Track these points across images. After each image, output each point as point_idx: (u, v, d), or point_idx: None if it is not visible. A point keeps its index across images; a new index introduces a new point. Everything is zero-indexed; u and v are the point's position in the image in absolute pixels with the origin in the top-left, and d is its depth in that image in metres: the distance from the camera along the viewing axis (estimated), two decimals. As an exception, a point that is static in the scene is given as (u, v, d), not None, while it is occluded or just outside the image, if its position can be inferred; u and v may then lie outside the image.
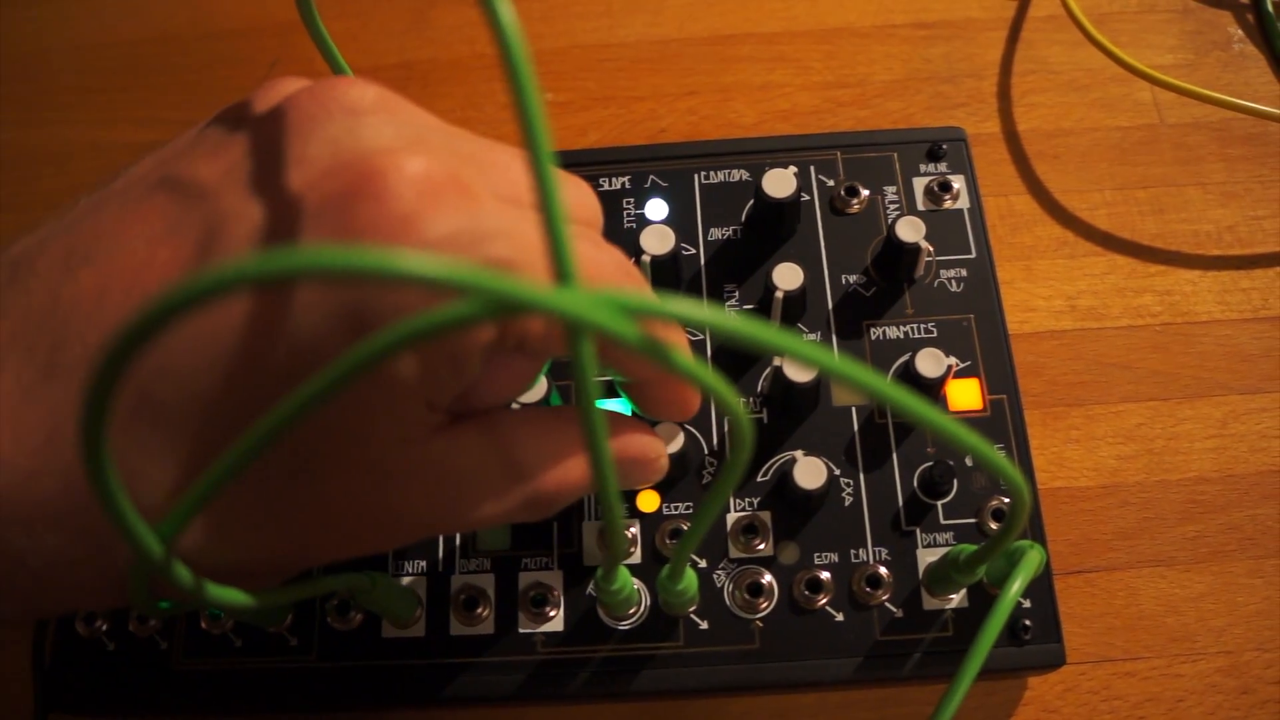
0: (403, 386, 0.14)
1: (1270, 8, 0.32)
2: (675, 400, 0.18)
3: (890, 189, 0.27)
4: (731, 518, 0.23)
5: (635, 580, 0.22)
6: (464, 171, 0.14)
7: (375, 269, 0.10)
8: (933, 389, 0.24)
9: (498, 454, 0.16)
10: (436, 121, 0.16)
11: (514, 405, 0.24)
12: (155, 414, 0.13)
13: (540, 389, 0.23)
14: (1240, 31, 0.33)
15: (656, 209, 0.27)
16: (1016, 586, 0.19)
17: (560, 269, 0.12)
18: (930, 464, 0.24)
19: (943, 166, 0.27)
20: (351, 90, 0.15)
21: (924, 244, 0.25)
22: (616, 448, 0.18)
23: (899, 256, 0.25)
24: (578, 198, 0.17)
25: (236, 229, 0.14)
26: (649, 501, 0.24)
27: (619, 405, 0.25)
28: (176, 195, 0.14)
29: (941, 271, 0.26)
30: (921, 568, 0.23)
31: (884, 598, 0.23)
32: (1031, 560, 0.20)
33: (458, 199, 0.14)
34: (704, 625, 0.23)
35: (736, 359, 0.25)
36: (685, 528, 0.23)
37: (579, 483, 0.17)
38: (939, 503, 0.24)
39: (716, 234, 0.27)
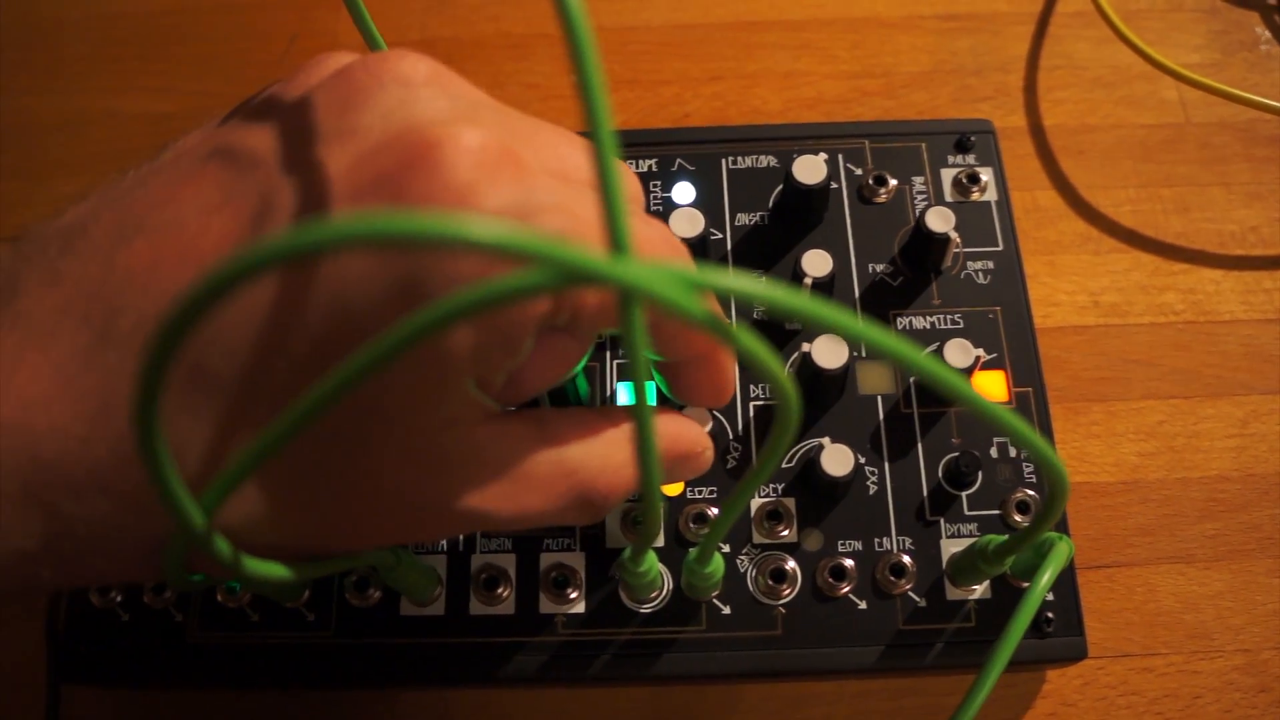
0: (452, 361, 0.14)
1: (1298, 9, 0.32)
2: (713, 384, 0.18)
3: (918, 179, 0.27)
4: (756, 503, 0.23)
5: (659, 564, 0.22)
6: (516, 145, 0.14)
7: (446, 234, 0.10)
8: (960, 379, 0.24)
9: (548, 449, 0.16)
10: (486, 97, 0.15)
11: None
12: (203, 383, 0.13)
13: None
14: (1267, 32, 0.32)
15: (683, 192, 0.27)
16: (1047, 577, 0.19)
17: (618, 242, 0.11)
18: (955, 455, 0.23)
19: (971, 158, 0.27)
20: (403, 63, 0.14)
21: (953, 235, 0.25)
22: (666, 443, 0.17)
23: (928, 247, 0.25)
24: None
25: (290, 199, 0.13)
26: (673, 485, 0.24)
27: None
28: (229, 165, 0.14)
29: (968, 263, 0.26)
30: (945, 558, 0.23)
31: (907, 587, 0.22)
32: (1061, 552, 0.20)
33: (512, 171, 0.14)
34: (726, 610, 0.22)
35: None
36: (710, 512, 0.23)
37: (630, 485, 0.16)
38: (963, 494, 0.23)
39: (744, 219, 0.27)
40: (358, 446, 0.14)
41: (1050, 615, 0.22)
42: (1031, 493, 0.23)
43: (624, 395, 0.25)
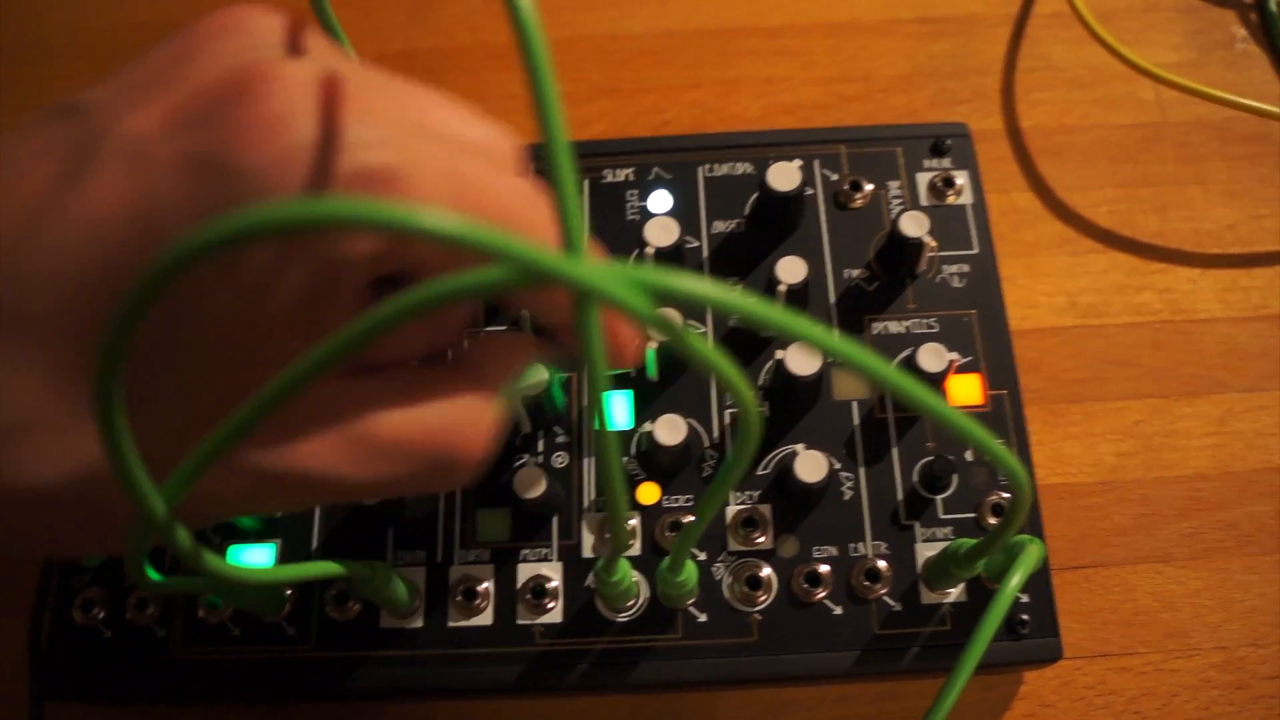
0: (280, 306, 0.14)
1: (1274, 7, 0.32)
2: (609, 349, 0.17)
3: (894, 184, 0.27)
4: (731, 510, 0.23)
5: (634, 572, 0.22)
6: (359, 87, 0.14)
7: (328, 216, 0.10)
8: (934, 384, 0.24)
9: (401, 409, 0.15)
10: (336, 49, 0.15)
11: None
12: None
13: (540, 380, 0.23)
14: (1243, 31, 0.33)
15: (660, 201, 0.27)
16: (1016, 580, 0.19)
17: (569, 240, 0.11)
18: (930, 459, 0.24)
19: (946, 162, 0.27)
20: (251, 14, 0.15)
21: (927, 239, 0.25)
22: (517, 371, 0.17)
23: (902, 251, 0.25)
24: (479, 131, 0.16)
25: (110, 142, 0.14)
26: (649, 494, 0.24)
27: (623, 396, 0.25)
28: (63, 119, 0.14)
29: (944, 267, 0.26)
30: (920, 562, 0.23)
31: (882, 591, 0.23)
32: (1031, 555, 0.20)
33: (336, 105, 0.14)
34: (702, 618, 0.23)
35: (739, 351, 0.25)
36: (685, 520, 0.23)
37: (491, 445, 0.16)
38: (938, 497, 0.24)
39: (720, 227, 0.27)
40: (187, 399, 0.14)
41: (1025, 617, 0.22)
42: (1006, 495, 0.24)
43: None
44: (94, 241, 0.13)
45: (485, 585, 0.23)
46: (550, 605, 0.23)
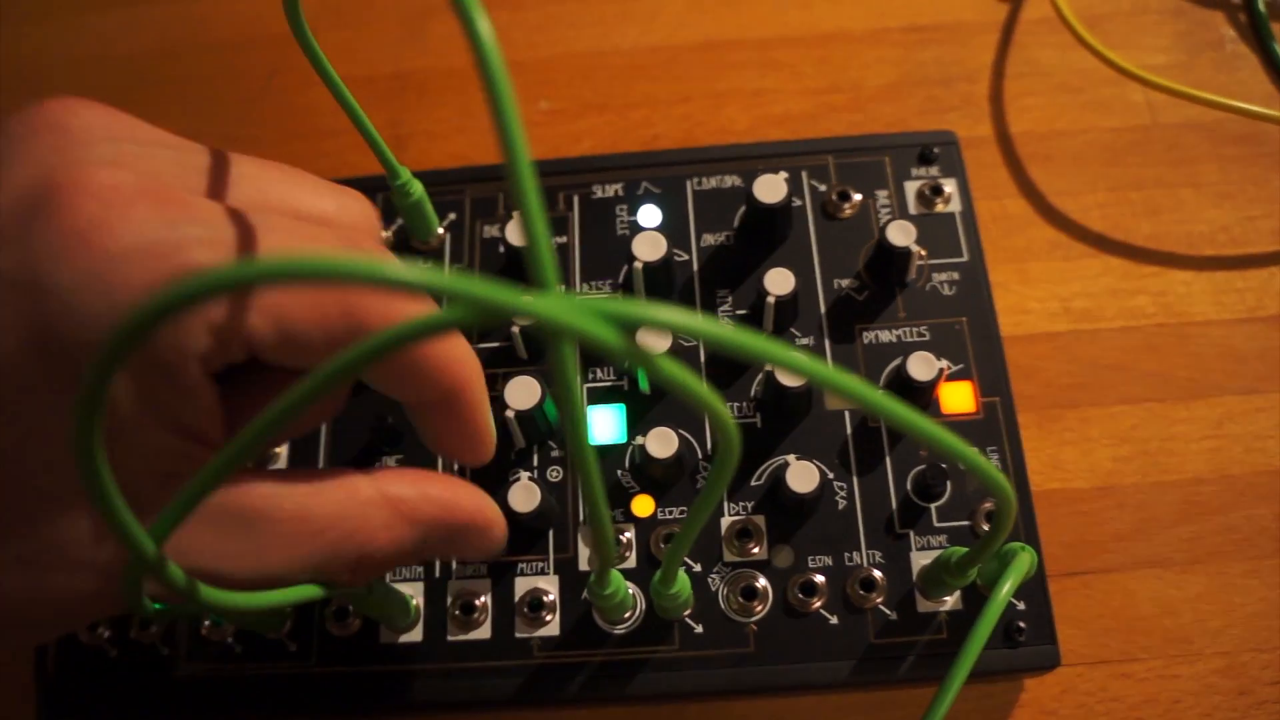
0: (122, 407, 0.13)
1: (1263, 7, 0.32)
2: (462, 432, 0.17)
3: (882, 193, 0.27)
4: (726, 522, 0.24)
5: (630, 584, 0.23)
6: (182, 180, 0.14)
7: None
8: (924, 392, 0.24)
9: (294, 504, 0.15)
10: (167, 138, 0.15)
11: (509, 413, 0.24)
12: None
13: (534, 394, 0.23)
14: (1233, 32, 0.33)
15: (649, 215, 0.27)
16: (1007, 588, 0.19)
17: (538, 275, 0.12)
18: (923, 467, 0.24)
19: (934, 170, 0.28)
20: (63, 111, 0.14)
21: (915, 248, 0.25)
22: (435, 510, 0.16)
23: (890, 260, 0.25)
24: (330, 204, 0.16)
25: None
26: (644, 506, 0.24)
27: (616, 410, 0.25)
28: None
29: (934, 275, 0.26)
30: (915, 570, 0.23)
31: (878, 600, 0.23)
32: (1022, 562, 0.20)
33: (153, 208, 0.13)
34: (699, 629, 0.23)
35: (731, 364, 0.25)
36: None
37: (395, 546, 0.16)
38: (932, 505, 0.24)
39: (709, 240, 0.27)
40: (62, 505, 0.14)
41: (1022, 625, 0.22)
42: (1001, 502, 0.24)
43: (599, 418, 0.25)
44: None
45: (483, 599, 0.23)
46: (548, 618, 0.23)
